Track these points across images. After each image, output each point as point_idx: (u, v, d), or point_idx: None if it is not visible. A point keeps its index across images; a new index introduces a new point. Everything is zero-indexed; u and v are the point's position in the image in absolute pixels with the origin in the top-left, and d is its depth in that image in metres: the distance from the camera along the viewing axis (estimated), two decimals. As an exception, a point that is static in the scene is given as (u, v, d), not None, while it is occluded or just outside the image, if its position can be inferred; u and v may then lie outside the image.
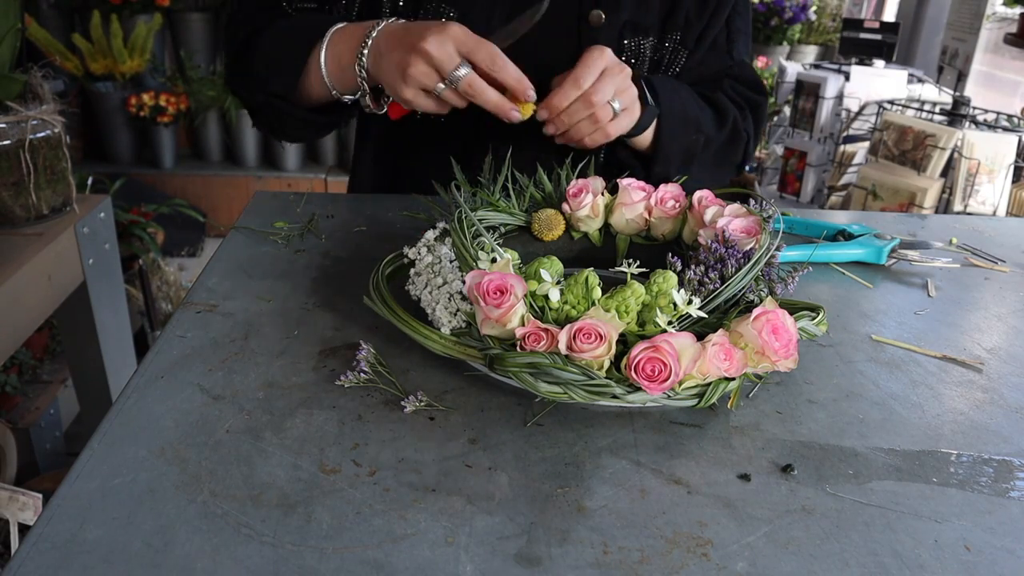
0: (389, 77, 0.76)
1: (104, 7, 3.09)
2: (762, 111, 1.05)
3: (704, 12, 0.95)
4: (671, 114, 0.91)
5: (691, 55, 0.98)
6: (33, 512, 1.04)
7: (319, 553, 0.43)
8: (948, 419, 0.60)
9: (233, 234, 0.84)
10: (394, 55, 0.75)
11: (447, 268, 0.65)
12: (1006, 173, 2.08)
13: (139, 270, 2.34)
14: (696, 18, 0.96)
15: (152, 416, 0.54)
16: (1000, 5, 2.58)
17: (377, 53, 0.77)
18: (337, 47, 0.81)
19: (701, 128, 0.94)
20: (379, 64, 0.77)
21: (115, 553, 0.43)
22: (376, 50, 0.77)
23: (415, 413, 0.56)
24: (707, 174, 1.00)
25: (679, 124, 0.92)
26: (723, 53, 1.01)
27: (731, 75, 1.03)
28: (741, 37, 1.02)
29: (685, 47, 0.97)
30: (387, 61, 0.76)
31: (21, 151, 1.13)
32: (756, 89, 1.04)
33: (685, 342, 0.55)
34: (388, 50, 0.76)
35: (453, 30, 0.73)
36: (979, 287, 0.84)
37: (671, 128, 0.91)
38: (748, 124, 1.02)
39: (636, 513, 0.48)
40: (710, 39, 0.98)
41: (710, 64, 1.00)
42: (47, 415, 1.71)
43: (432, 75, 0.74)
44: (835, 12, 3.52)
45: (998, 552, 0.47)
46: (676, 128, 0.91)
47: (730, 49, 1.02)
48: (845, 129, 2.49)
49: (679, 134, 0.92)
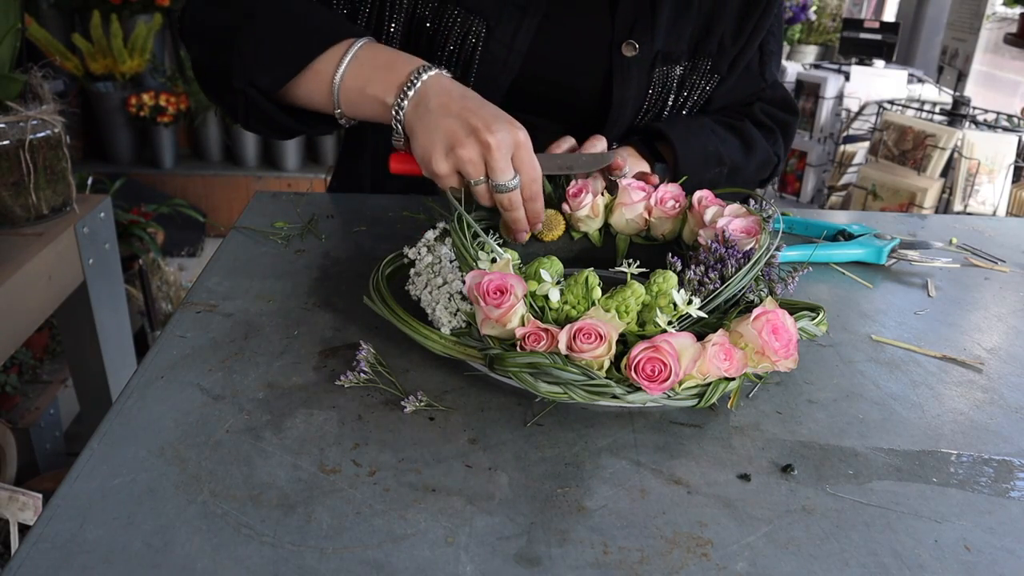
0: (429, 141, 0.68)
1: (104, 7, 3.09)
2: (792, 130, 1.04)
3: (740, 38, 0.93)
4: (688, 156, 0.89)
5: (723, 80, 0.96)
6: (33, 512, 1.04)
7: (319, 553, 0.43)
8: (948, 419, 0.60)
9: (233, 234, 0.84)
10: (446, 122, 0.67)
11: (447, 268, 0.65)
12: (1006, 173, 2.08)
13: (139, 270, 2.34)
14: (731, 43, 0.93)
15: (152, 416, 0.54)
16: (1000, 5, 2.58)
17: (424, 106, 0.69)
18: (365, 70, 0.73)
19: (723, 160, 0.93)
20: (422, 119, 0.69)
21: (115, 553, 0.43)
22: (424, 101, 0.69)
23: (415, 413, 0.56)
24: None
25: (699, 164, 0.91)
26: (756, 76, 0.99)
27: (762, 97, 1.01)
28: (774, 58, 1.00)
29: (718, 72, 0.95)
30: (434, 122, 0.68)
31: (21, 151, 1.13)
32: (787, 109, 1.03)
33: (685, 342, 0.55)
34: (440, 112, 0.68)
35: (520, 136, 0.68)
36: (979, 287, 0.84)
37: (691, 169, 0.90)
38: (778, 146, 1.01)
39: (636, 513, 0.48)
40: (743, 64, 0.96)
41: (743, 88, 0.99)
42: (47, 415, 1.71)
43: (479, 169, 0.67)
44: (835, 12, 3.52)
45: (998, 552, 0.47)
46: (696, 168, 0.90)
47: (763, 71, 1.00)
48: (845, 129, 2.49)
49: (699, 172, 0.90)
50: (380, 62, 0.73)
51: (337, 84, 0.74)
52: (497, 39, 0.86)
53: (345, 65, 0.73)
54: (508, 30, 0.86)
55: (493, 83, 0.88)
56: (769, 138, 1.00)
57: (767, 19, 0.93)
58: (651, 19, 0.89)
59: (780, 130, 1.02)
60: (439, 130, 0.67)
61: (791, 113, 1.03)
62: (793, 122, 1.03)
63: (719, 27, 0.92)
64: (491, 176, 0.68)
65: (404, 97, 0.70)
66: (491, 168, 0.67)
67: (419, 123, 0.69)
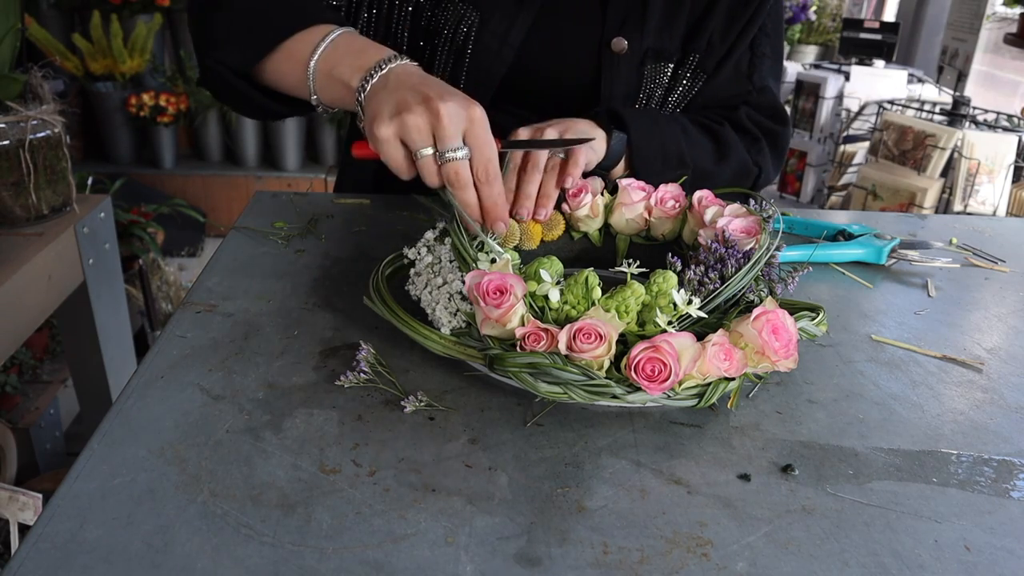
0: (378, 107, 0.66)
1: (104, 7, 3.09)
2: (781, 140, 0.98)
3: (729, 35, 0.91)
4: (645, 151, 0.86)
5: (708, 80, 0.94)
6: (33, 512, 1.04)
7: (319, 553, 0.43)
8: (948, 419, 0.60)
9: (233, 234, 0.84)
10: (398, 93, 0.65)
11: (447, 268, 0.65)
12: (1006, 173, 2.08)
13: (139, 270, 2.34)
14: (720, 41, 0.91)
15: (152, 416, 0.54)
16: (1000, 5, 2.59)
17: (383, 84, 0.68)
18: (338, 54, 0.72)
19: (685, 162, 0.88)
20: (378, 94, 0.67)
21: (115, 553, 0.43)
22: (385, 83, 0.68)
23: (415, 413, 0.56)
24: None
25: (656, 161, 0.86)
26: (743, 78, 0.96)
27: (749, 102, 0.97)
28: (766, 62, 0.96)
29: (704, 71, 0.93)
30: (386, 94, 0.66)
31: (21, 151, 1.13)
32: (776, 117, 0.98)
33: (685, 342, 0.55)
34: (396, 86, 0.66)
35: (476, 111, 0.65)
36: (979, 287, 0.84)
37: (646, 165, 0.86)
38: (762, 156, 0.96)
39: (636, 513, 0.48)
40: (731, 64, 0.94)
41: (727, 89, 0.95)
42: (47, 415, 1.71)
43: (426, 136, 0.64)
44: (835, 12, 3.52)
45: (998, 552, 0.47)
46: (652, 164, 0.86)
47: (751, 74, 0.96)
48: (845, 129, 2.49)
49: (656, 169, 0.86)
50: (353, 48, 0.72)
51: (312, 68, 0.73)
52: (491, 30, 0.86)
53: (321, 50, 0.72)
54: (503, 22, 0.86)
55: (486, 74, 0.88)
56: (752, 147, 0.95)
57: (758, 18, 0.92)
58: (641, 16, 0.89)
59: (767, 139, 0.96)
60: (391, 99, 0.65)
61: (779, 123, 0.98)
62: (782, 132, 0.98)
63: (710, 25, 0.91)
64: (438, 145, 0.65)
65: (368, 80, 0.68)
66: (438, 136, 0.64)
67: (375, 96, 0.67)
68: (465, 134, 0.65)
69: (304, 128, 3.43)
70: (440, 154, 0.65)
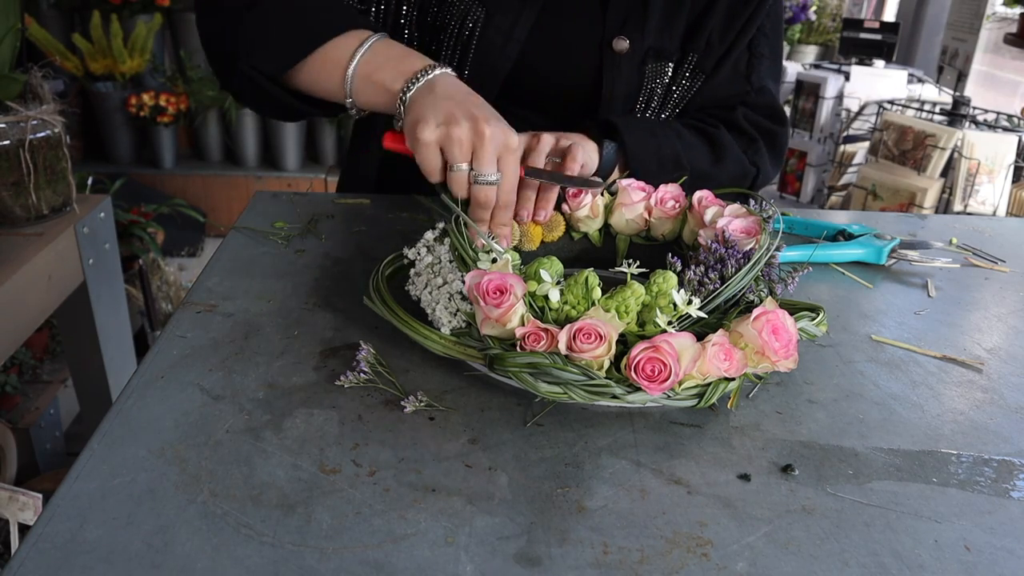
0: (424, 111, 0.68)
1: (104, 7, 3.09)
2: (779, 140, 0.99)
3: (727, 35, 0.92)
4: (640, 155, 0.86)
5: (707, 79, 0.94)
6: (33, 512, 1.04)
7: (319, 553, 0.43)
8: (948, 419, 0.60)
9: (233, 234, 0.84)
10: (447, 103, 0.68)
11: (447, 268, 0.65)
12: (1006, 173, 2.08)
13: (139, 270, 2.34)
14: (719, 41, 0.92)
15: (152, 416, 0.54)
16: (1000, 5, 2.59)
17: (430, 91, 0.70)
18: (378, 59, 0.74)
19: (682, 164, 0.89)
20: (424, 98, 0.70)
21: (115, 553, 0.43)
22: (431, 88, 0.70)
23: (415, 413, 0.56)
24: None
25: (652, 164, 0.87)
26: (741, 78, 0.96)
27: (747, 102, 0.97)
28: (764, 62, 0.96)
29: (702, 70, 0.93)
30: (437, 102, 0.69)
31: (21, 151, 1.13)
32: (774, 118, 0.98)
33: (685, 342, 0.55)
34: (444, 96, 0.69)
35: (513, 140, 0.68)
36: (979, 287, 0.84)
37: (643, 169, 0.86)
38: (759, 156, 0.96)
39: (636, 513, 0.48)
40: (729, 64, 0.94)
41: (725, 89, 0.95)
42: (47, 415, 1.71)
43: (467, 152, 0.67)
44: (835, 12, 3.52)
45: (998, 552, 0.47)
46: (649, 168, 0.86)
47: (749, 74, 0.96)
48: (845, 129, 2.49)
49: (653, 173, 0.86)
50: (393, 54, 0.75)
51: (351, 73, 0.75)
52: (496, 26, 0.87)
53: (360, 55, 0.74)
54: (507, 18, 0.86)
55: (491, 71, 0.88)
56: (749, 148, 0.96)
57: (757, 18, 0.92)
58: (642, 16, 0.89)
59: (764, 140, 0.96)
60: (439, 107, 0.68)
61: (778, 123, 0.98)
62: (780, 133, 0.98)
63: (709, 24, 0.91)
64: (475, 165, 0.68)
65: (412, 85, 0.71)
66: (477, 157, 0.67)
67: (420, 100, 0.70)
68: (499, 160, 0.68)
69: (304, 128, 3.44)
70: (475, 175, 0.68)
